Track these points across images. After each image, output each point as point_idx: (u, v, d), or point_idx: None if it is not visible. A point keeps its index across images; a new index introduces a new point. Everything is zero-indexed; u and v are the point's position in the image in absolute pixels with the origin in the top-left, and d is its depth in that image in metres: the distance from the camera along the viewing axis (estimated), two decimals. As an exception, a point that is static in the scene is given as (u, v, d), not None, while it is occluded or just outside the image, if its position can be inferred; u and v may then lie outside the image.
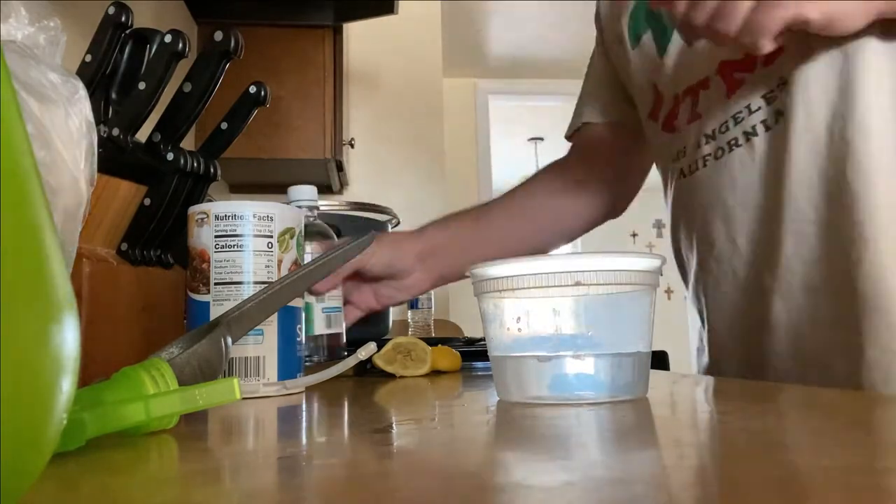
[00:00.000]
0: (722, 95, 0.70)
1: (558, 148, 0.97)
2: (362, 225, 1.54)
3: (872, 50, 0.61)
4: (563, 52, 3.99)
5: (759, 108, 0.67)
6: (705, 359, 0.78)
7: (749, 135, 0.68)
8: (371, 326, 1.46)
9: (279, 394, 0.55)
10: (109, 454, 0.30)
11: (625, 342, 0.47)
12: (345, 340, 0.79)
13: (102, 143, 0.60)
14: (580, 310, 0.47)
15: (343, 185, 2.59)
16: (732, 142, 0.69)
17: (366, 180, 2.73)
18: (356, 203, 1.62)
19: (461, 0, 3.31)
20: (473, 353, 0.83)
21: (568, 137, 0.98)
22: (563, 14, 3.54)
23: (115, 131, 0.63)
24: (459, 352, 0.78)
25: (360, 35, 2.68)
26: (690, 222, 0.76)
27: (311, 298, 0.74)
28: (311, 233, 0.75)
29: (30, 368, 0.16)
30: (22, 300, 0.15)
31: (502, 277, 0.48)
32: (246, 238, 0.55)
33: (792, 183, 0.64)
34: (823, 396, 0.48)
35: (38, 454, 0.17)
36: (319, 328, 0.75)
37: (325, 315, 0.76)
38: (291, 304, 0.57)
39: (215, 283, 0.55)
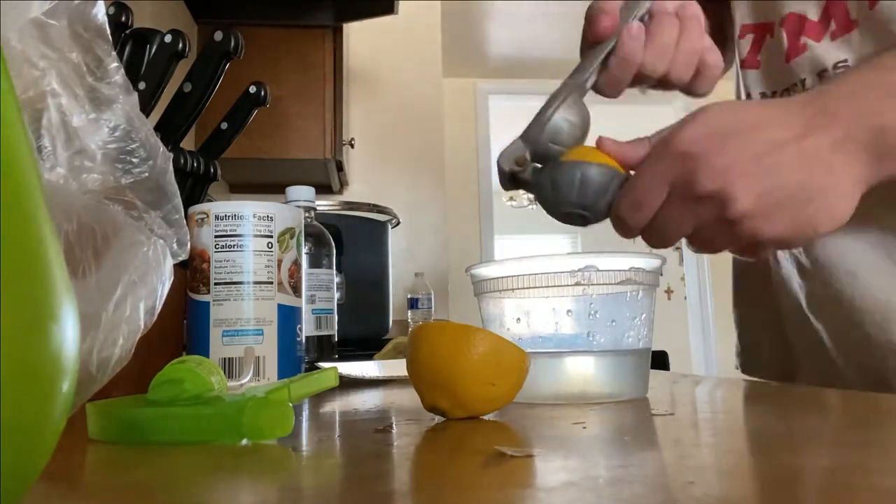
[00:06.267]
0: None
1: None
2: (362, 225, 1.54)
3: None
4: (563, 52, 3.98)
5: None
6: None
7: None
8: (371, 326, 1.46)
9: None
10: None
11: (625, 342, 0.47)
12: (336, 341, 0.79)
13: (102, 143, 0.60)
14: (580, 310, 0.48)
15: (343, 184, 2.59)
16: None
17: (366, 180, 2.73)
18: (356, 203, 1.62)
19: (461, 0, 3.31)
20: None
21: None
22: (563, 14, 3.54)
23: (115, 131, 0.63)
24: None
25: (360, 35, 2.68)
26: None
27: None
28: (306, 234, 0.75)
29: (30, 368, 0.16)
30: (22, 301, 0.15)
31: (502, 277, 0.48)
32: (246, 238, 0.55)
33: None
34: (823, 396, 0.48)
35: (38, 454, 0.17)
36: (309, 329, 0.75)
37: (314, 317, 0.76)
38: (291, 304, 0.57)
39: (215, 283, 0.55)
